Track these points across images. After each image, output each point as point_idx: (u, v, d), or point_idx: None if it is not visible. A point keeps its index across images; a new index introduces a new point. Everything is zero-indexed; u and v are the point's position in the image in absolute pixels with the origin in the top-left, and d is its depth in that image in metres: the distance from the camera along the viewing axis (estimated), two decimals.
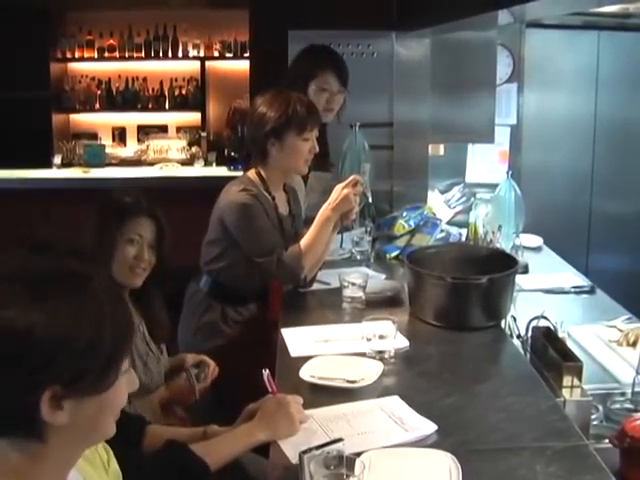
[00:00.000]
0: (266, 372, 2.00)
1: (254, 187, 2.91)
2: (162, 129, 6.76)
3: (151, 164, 6.37)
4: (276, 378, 2.14)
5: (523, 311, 2.67)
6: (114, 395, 1.25)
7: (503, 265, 2.65)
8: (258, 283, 2.92)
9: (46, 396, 1.16)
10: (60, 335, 1.15)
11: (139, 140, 6.73)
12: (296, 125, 2.88)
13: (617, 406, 2.21)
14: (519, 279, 2.84)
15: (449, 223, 3.88)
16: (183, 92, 6.61)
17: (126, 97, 6.63)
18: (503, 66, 4.40)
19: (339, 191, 2.84)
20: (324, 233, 2.85)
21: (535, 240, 3.92)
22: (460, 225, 3.84)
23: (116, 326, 1.23)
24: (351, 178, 2.87)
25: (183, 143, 6.59)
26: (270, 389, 1.99)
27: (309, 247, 2.83)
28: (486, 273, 2.56)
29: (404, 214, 3.58)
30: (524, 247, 3.49)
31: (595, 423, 2.13)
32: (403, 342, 2.40)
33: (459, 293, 2.55)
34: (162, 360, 2.56)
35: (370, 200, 3.67)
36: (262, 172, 2.96)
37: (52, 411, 1.17)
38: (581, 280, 3.36)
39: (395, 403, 2.01)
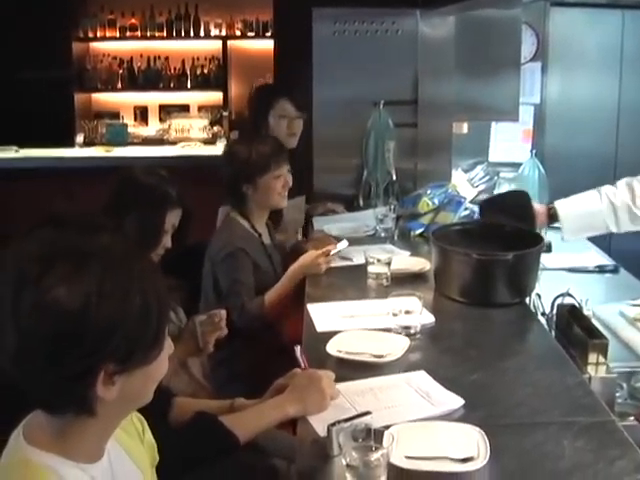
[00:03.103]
0: (298, 347, 2.01)
1: (241, 229, 3.11)
2: (184, 108, 6.78)
3: (173, 143, 6.39)
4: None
5: (547, 289, 2.65)
6: (159, 364, 1.27)
7: (528, 243, 2.64)
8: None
9: (102, 374, 1.17)
10: (114, 312, 1.15)
11: (161, 119, 6.76)
12: (261, 167, 3.09)
13: None
14: (542, 258, 2.82)
15: (472, 202, 3.86)
16: (205, 71, 6.62)
17: (148, 76, 6.65)
18: (527, 45, 4.36)
19: (313, 257, 2.97)
20: (290, 288, 3.00)
21: None
22: None
23: (159, 297, 1.23)
24: (325, 249, 2.99)
25: (205, 122, 6.61)
26: (302, 364, 1.99)
27: (274, 301, 2.98)
28: (511, 250, 2.56)
29: (428, 192, 3.57)
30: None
31: (619, 401, 2.13)
32: (429, 318, 2.41)
33: (485, 269, 2.54)
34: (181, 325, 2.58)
35: (394, 178, 3.67)
36: (246, 212, 3.16)
37: (106, 388, 1.18)
38: (605, 259, 3.34)
39: (421, 378, 2.01)
